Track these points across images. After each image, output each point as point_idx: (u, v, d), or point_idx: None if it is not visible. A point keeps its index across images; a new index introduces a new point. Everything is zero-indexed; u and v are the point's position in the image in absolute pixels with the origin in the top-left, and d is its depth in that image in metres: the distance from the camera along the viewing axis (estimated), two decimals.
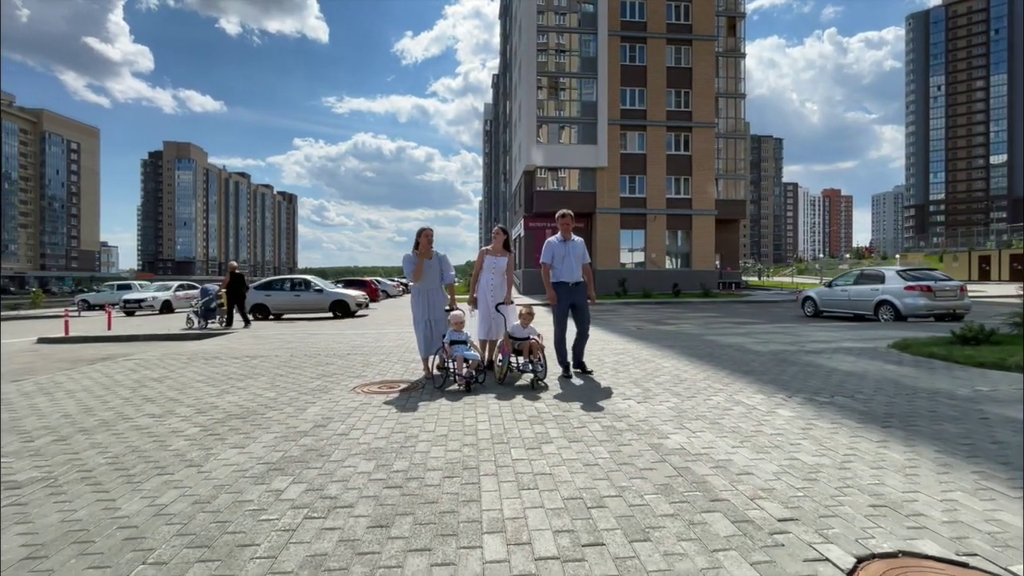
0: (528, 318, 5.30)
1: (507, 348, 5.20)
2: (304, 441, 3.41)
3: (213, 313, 12.92)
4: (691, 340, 8.62)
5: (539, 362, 5.01)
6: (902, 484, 2.62)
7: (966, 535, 2.10)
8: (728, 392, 4.72)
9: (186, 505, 2.45)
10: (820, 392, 4.69)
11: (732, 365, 6.14)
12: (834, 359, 6.50)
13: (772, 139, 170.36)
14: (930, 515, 2.27)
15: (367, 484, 2.68)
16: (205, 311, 12.80)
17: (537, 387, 4.90)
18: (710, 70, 35.04)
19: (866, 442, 3.29)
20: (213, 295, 13.13)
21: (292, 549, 2.03)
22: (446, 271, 5.69)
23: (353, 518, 2.29)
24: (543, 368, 5.03)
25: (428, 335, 5.49)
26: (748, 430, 3.55)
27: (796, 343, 8.08)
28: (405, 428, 3.69)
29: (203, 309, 12.81)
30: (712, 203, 34.46)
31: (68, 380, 5.76)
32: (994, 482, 2.63)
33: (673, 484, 2.64)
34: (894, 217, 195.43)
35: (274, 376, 5.82)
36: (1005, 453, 3.07)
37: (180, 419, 4.03)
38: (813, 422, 3.74)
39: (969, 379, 5.22)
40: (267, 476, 2.80)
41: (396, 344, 8.54)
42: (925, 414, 3.94)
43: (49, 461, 3.12)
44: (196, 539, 2.12)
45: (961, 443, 3.25)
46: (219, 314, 13.03)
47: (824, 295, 14.24)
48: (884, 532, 2.13)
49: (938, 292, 11.59)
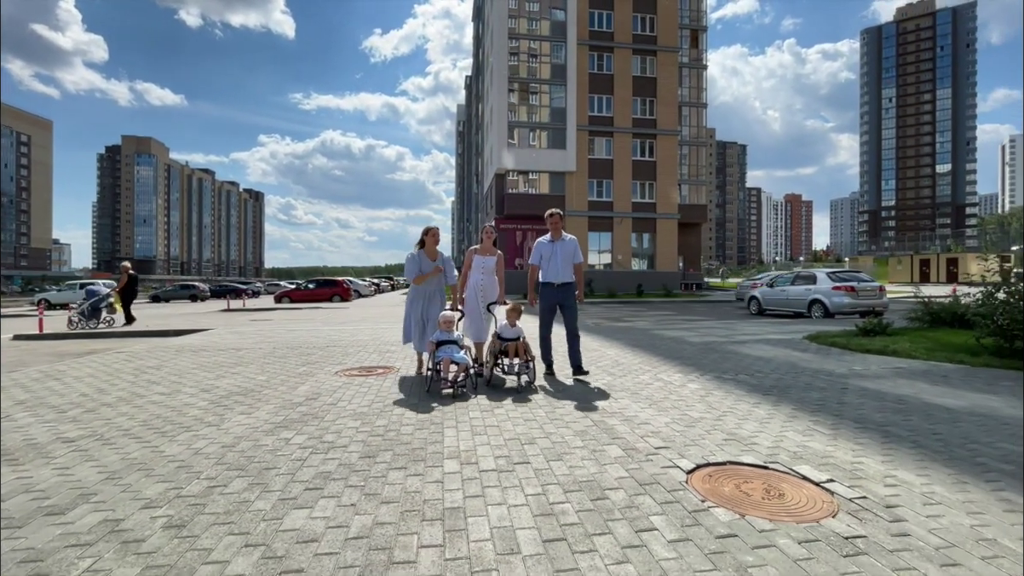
0: (515, 315, 5.19)
1: (496, 350, 5.04)
2: (300, 408, 4.17)
3: (99, 313, 13.20)
4: (639, 334, 9.64)
5: (527, 364, 4.89)
6: (754, 428, 3.58)
7: (777, 454, 3.05)
8: (654, 372, 5.68)
9: (217, 448, 3.20)
10: (728, 371, 5.71)
11: (666, 353, 7.14)
12: (753, 348, 7.58)
13: (737, 145, 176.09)
14: (761, 444, 3.23)
15: (356, 433, 3.48)
16: (91, 311, 13.09)
17: (527, 388, 4.83)
18: (674, 80, 36.71)
19: (745, 404, 4.27)
20: (102, 296, 13.42)
21: (304, 469, 2.82)
22: (449, 272, 5.57)
23: (347, 452, 3.10)
24: (531, 370, 4.90)
25: (420, 330, 5.40)
26: (658, 397, 4.50)
27: (728, 336, 9.19)
28: (384, 399, 4.49)
29: (89, 310, 13.08)
30: (675, 207, 36.11)
31: (69, 369, 6.30)
32: (820, 425, 3.62)
33: (588, 431, 3.53)
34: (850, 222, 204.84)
35: (262, 364, 6.49)
36: (842, 408, 4.08)
37: (188, 396, 4.71)
38: (712, 392, 4.72)
39: (852, 362, 6.34)
40: (275, 431, 3.56)
41: (371, 338, 9.24)
42: (800, 386, 4.98)
43: (88, 424, 3.79)
44: (231, 466, 2.89)
45: (813, 404, 4.26)
46: (106, 314, 13.34)
47: (766, 294, 15.60)
48: (724, 453, 3.06)
49: (861, 292, 13.02)
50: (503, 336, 5.09)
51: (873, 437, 3.36)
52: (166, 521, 2.23)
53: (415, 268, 5.40)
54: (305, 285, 30.59)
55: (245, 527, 2.17)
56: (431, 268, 5.44)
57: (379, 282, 47.61)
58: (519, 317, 5.20)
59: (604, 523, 2.19)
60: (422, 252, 5.46)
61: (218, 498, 2.46)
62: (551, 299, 5.41)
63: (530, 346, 5.05)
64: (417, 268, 5.40)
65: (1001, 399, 4.41)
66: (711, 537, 2.07)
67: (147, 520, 2.24)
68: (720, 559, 1.91)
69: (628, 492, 2.50)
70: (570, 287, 5.39)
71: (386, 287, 50.10)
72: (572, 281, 5.39)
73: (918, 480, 2.65)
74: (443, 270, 5.53)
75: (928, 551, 1.96)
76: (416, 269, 5.40)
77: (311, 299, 28.09)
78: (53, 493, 2.55)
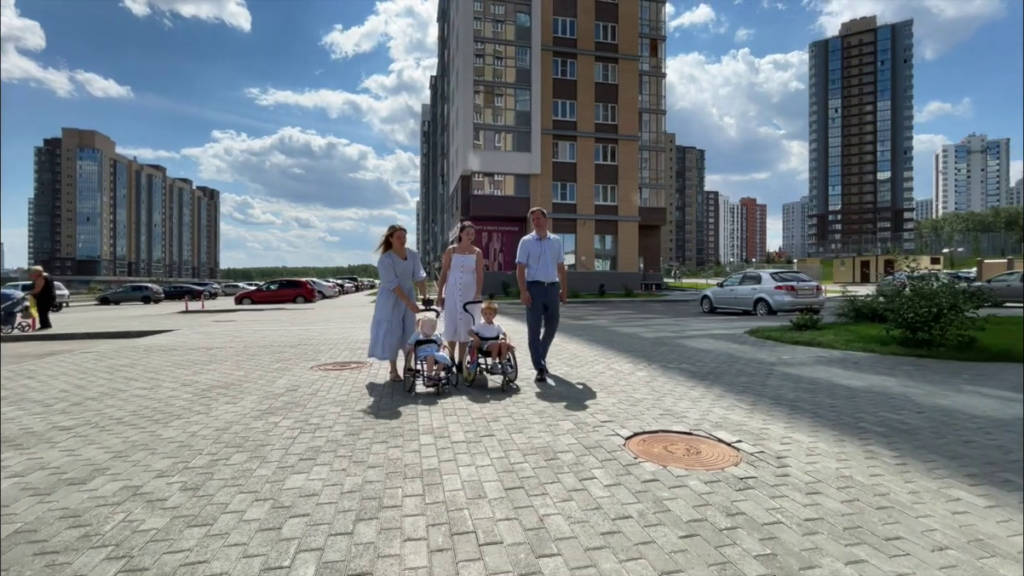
0: (491, 313, 5.21)
1: (476, 349, 5.03)
2: (283, 398, 4.51)
3: (12, 318, 12.96)
4: (598, 331, 10.28)
5: (509, 363, 4.91)
6: (687, 405, 4.17)
7: (702, 424, 3.64)
8: (607, 363, 6.27)
9: (211, 431, 3.53)
10: (673, 361, 6.35)
11: (620, 347, 7.76)
12: (698, 341, 8.32)
13: (695, 150, 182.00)
14: (691, 417, 3.81)
15: (338, 416, 3.87)
16: (6, 316, 12.83)
17: (508, 389, 4.78)
18: (634, 87, 38.06)
19: (682, 387, 4.88)
20: (16, 300, 13.17)
21: (296, 445, 3.21)
22: (417, 270, 5.50)
23: (332, 431, 3.49)
24: (513, 369, 4.93)
25: (387, 335, 5.22)
26: (609, 383, 5.06)
27: (678, 331, 9.95)
28: (360, 390, 4.87)
29: (4, 314, 12.84)
30: (636, 210, 37.41)
31: (38, 369, 6.35)
32: (742, 402, 4.26)
33: (546, 410, 4.04)
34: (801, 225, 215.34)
35: (236, 361, 6.71)
36: (763, 389, 4.75)
37: (170, 389, 4.95)
38: (656, 378, 5.32)
39: (782, 352, 7.12)
40: (263, 416, 3.91)
41: (340, 337, 9.51)
42: (733, 372, 5.65)
43: (79, 415, 4.02)
44: (229, 444, 3.24)
45: (740, 387, 4.92)
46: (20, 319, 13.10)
47: (717, 294, 16.62)
48: (659, 424, 3.63)
49: (800, 291, 14.14)
50: (483, 336, 5.07)
51: (782, 410, 4.01)
52: (181, 485, 2.59)
53: (391, 274, 5.21)
54: (267, 286, 30.07)
55: (252, 488, 2.55)
56: (403, 268, 5.32)
57: (343, 283, 47.05)
58: (495, 315, 5.25)
59: (555, 475, 2.70)
60: (392, 254, 5.29)
61: (223, 468, 2.83)
62: (539, 299, 5.36)
63: (512, 346, 5.05)
64: (393, 273, 5.22)
65: (896, 380, 5.19)
66: (638, 482, 2.60)
67: (164, 486, 2.60)
68: (643, 495, 2.44)
69: (576, 454, 3.02)
70: (556, 287, 5.41)
71: (350, 288, 49.52)
72: (558, 280, 5.41)
73: (807, 439, 3.28)
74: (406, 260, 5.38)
75: (799, 485, 2.56)
76: (392, 274, 5.22)
77: (274, 300, 27.69)
78: (68, 469, 2.85)
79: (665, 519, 2.20)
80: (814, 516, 2.22)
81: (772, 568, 1.83)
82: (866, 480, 2.62)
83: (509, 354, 4.96)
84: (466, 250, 5.57)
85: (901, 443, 3.20)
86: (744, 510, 2.29)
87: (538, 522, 2.19)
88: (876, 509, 2.29)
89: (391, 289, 5.24)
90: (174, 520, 2.22)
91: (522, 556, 1.92)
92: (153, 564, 1.88)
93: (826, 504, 2.34)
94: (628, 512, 2.27)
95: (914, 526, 2.14)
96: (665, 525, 2.15)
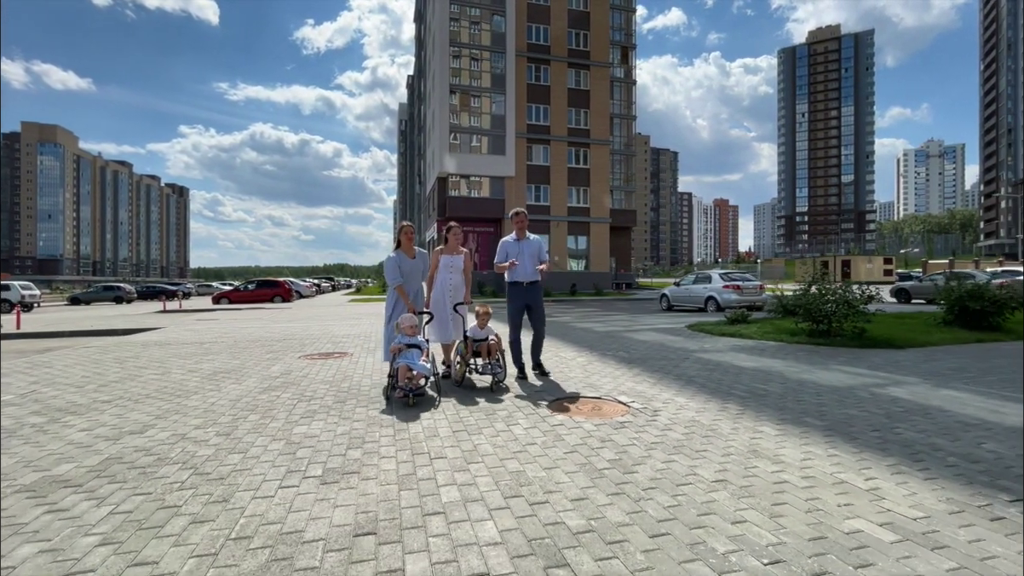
0: (485, 317, 5.24)
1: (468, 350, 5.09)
2: (279, 380, 5.45)
3: None
4: (558, 326, 11.38)
5: (498, 363, 5.02)
6: (607, 381, 5.27)
7: (611, 392, 4.73)
8: (555, 351, 7.35)
9: (226, 402, 4.47)
10: (611, 350, 7.48)
11: (572, 339, 8.87)
12: (641, 334, 9.49)
13: (669, 152, 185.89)
14: (605, 387, 4.91)
15: (328, 391, 4.84)
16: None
17: (497, 389, 4.91)
18: (606, 93, 39.47)
19: (610, 368, 5.99)
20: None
21: (297, 408, 4.18)
22: (425, 269, 5.50)
23: (323, 401, 4.47)
24: (502, 369, 5.04)
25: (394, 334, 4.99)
26: (550, 367, 6.13)
27: (628, 326, 11.13)
28: (344, 374, 5.83)
29: None
30: (607, 212, 38.85)
31: (53, 360, 7.09)
32: (650, 378, 5.37)
33: (491, 386, 5.08)
34: (771, 225, 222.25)
35: (231, 353, 7.57)
36: (674, 369, 5.88)
37: (180, 375, 5.83)
38: (594, 363, 6.43)
39: (706, 342, 8.33)
40: (266, 391, 4.85)
41: (322, 332, 10.38)
42: (660, 358, 6.80)
43: (111, 393, 4.89)
44: (244, 408, 4.19)
45: (663, 368, 6.05)
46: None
47: (674, 292, 17.97)
48: (588, 392, 4.71)
49: (744, 289, 15.56)
50: (475, 338, 5.13)
51: (679, 383, 5.14)
52: (216, 432, 3.55)
53: (395, 272, 5.19)
54: (245, 286, 30.43)
55: (269, 434, 3.53)
56: (411, 267, 5.32)
57: (319, 283, 47.28)
58: (489, 320, 5.28)
59: (490, 423, 3.74)
60: (401, 253, 5.29)
61: (244, 423, 3.79)
62: (520, 300, 5.46)
63: (500, 345, 5.17)
64: (398, 271, 5.20)
65: (783, 362, 6.40)
66: (548, 425, 3.67)
67: (203, 434, 3.55)
68: (548, 433, 3.51)
69: (509, 411, 4.07)
70: (537, 286, 5.51)
71: (327, 288, 49.72)
72: (539, 280, 5.49)
73: (684, 400, 4.40)
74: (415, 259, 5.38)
75: (660, 425, 3.66)
76: (398, 273, 5.19)
77: (251, 300, 28.08)
78: (123, 426, 3.77)
79: (559, 444, 3.27)
80: (658, 442, 3.32)
81: (618, 468, 2.91)
82: (708, 422, 3.74)
83: (498, 354, 5.05)
84: (453, 251, 5.52)
85: (751, 402, 4.35)
86: (614, 439, 3.37)
87: (472, 447, 3.23)
88: (702, 437, 3.41)
89: (393, 287, 5.29)
90: (218, 451, 3.18)
91: (459, 463, 2.95)
92: (213, 471, 2.85)
93: (670, 436, 3.45)
94: (535, 440, 3.34)
95: (720, 445, 3.25)
96: (557, 447, 3.21)
